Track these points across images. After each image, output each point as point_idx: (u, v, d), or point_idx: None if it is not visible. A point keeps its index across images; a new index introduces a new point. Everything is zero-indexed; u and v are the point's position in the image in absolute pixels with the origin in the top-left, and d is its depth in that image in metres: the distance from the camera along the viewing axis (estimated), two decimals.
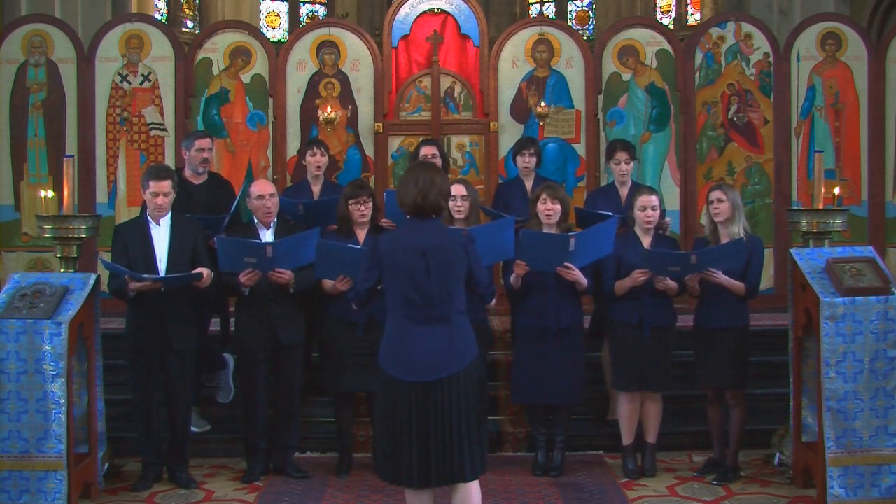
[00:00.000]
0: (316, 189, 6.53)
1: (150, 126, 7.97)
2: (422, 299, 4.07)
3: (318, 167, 6.51)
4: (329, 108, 7.83)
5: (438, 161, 6.27)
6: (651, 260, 5.48)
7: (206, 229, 5.69)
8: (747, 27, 8.14)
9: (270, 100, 8.03)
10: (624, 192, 6.31)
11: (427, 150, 6.40)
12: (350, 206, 5.65)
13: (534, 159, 6.58)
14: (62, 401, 5.01)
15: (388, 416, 4.13)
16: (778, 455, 5.82)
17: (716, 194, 5.57)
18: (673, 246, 5.82)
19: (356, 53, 8.09)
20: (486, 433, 4.46)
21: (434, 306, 4.08)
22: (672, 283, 5.52)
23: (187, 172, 6.29)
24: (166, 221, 5.49)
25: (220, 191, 6.39)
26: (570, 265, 5.43)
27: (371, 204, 5.68)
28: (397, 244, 4.15)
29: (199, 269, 5.38)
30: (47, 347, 5.00)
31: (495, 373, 6.47)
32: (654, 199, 5.66)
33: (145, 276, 5.30)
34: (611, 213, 5.91)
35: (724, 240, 5.52)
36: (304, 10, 17.21)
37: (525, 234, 5.47)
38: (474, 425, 4.16)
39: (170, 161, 7.72)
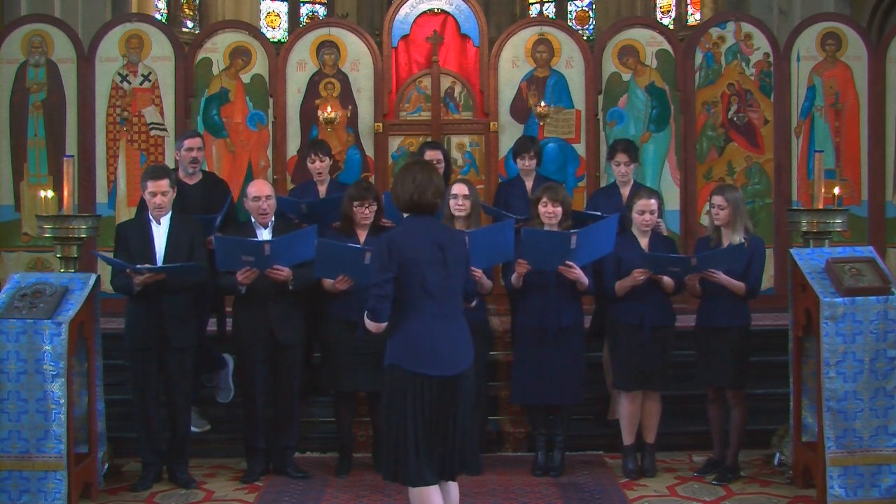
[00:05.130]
0: (322, 190, 6.51)
1: (150, 126, 7.96)
2: (441, 293, 4.07)
3: (320, 174, 6.50)
4: (329, 108, 7.82)
5: (442, 165, 6.29)
6: (651, 263, 5.48)
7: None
8: (747, 27, 8.13)
9: (270, 100, 8.01)
10: (625, 191, 6.27)
11: (432, 154, 6.37)
12: (354, 208, 5.65)
13: (534, 161, 6.55)
14: (62, 401, 5.01)
15: (405, 415, 4.02)
16: (778, 455, 5.82)
17: (717, 199, 5.54)
18: (670, 246, 5.82)
19: (356, 53, 8.07)
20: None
21: (451, 299, 4.12)
22: (669, 279, 5.53)
23: (181, 173, 6.27)
24: (166, 220, 5.51)
25: (215, 190, 6.37)
26: (571, 263, 5.43)
27: (375, 207, 5.69)
28: (413, 239, 4.08)
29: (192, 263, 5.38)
30: (47, 347, 5.00)
31: (495, 373, 6.47)
32: (652, 204, 5.65)
33: (139, 266, 5.31)
34: (599, 213, 5.89)
35: (727, 241, 5.52)
36: (304, 10, 17.20)
37: (526, 232, 5.47)
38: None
39: (169, 161, 7.70)
